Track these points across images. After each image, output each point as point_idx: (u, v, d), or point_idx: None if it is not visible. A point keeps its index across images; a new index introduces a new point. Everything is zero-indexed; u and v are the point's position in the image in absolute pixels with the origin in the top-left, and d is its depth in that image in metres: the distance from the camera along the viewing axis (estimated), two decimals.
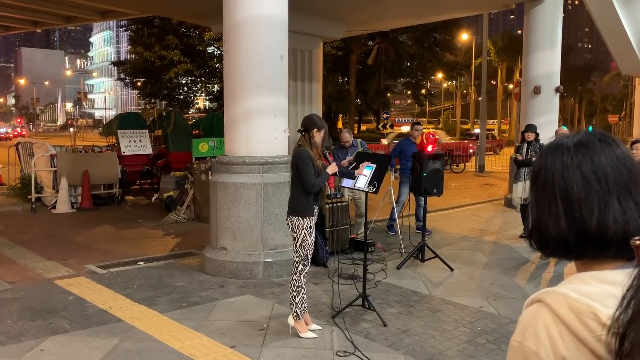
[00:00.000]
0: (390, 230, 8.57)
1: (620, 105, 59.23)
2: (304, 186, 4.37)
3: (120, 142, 12.87)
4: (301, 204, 4.40)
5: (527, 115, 11.10)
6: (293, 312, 4.43)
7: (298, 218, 4.38)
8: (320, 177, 4.42)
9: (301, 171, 4.36)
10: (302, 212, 4.38)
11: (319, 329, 4.54)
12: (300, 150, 4.43)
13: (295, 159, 4.42)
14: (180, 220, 9.57)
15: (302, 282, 4.42)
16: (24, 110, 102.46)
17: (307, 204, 4.39)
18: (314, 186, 4.36)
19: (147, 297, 5.36)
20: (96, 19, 15.36)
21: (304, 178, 4.34)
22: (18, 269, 6.43)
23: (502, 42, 51.32)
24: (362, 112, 37.78)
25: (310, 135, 4.46)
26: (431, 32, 30.66)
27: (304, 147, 4.44)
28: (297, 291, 4.40)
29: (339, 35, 12.89)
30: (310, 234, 4.39)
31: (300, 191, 4.40)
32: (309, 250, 4.41)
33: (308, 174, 4.34)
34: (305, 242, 4.38)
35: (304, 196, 4.39)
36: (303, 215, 4.37)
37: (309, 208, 4.39)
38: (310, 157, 4.39)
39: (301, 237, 4.38)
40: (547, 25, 11.11)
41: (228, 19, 6.19)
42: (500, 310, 5.12)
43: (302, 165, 4.35)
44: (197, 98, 33.71)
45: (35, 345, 4.16)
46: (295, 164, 4.43)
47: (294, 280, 4.43)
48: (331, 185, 7.86)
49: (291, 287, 4.44)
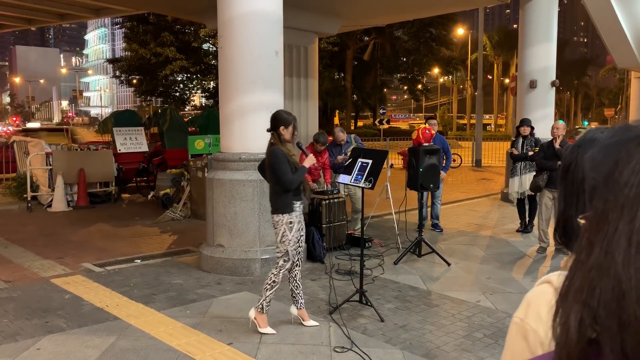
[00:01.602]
0: (436, 228, 8.51)
1: (616, 99, 59.35)
2: (281, 184, 4.35)
3: (116, 140, 12.83)
4: (280, 201, 4.38)
5: (523, 110, 11.11)
6: (258, 304, 4.41)
7: (278, 215, 4.38)
8: (297, 173, 4.39)
9: (277, 171, 4.34)
10: (282, 209, 4.36)
11: (316, 325, 4.54)
12: (274, 149, 4.40)
13: (270, 158, 4.39)
14: (176, 218, 9.55)
15: (280, 278, 4.40)
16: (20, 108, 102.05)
17: (286, 201, 4.37)
18: (292, 182, 4.33)
19: (144, 295, 5.35)
20: (90, 16, 15.27)
21: (281, 176, 4.32)
22: (14, 268, 6.41)
23: (498, 36, 51.32)
24: (358, 108, 37.77)
25: (278, 133, 4.43)
26: (427, 27, 30.65)
27: (277, 145, 4.41)
28: (270, 286, 4.38)
29: (334, 30, 12.84)
30: (290, 229, 4.36)
31: (279, 189, 4.38)
32: (289, 246, 4.37)
33: (284, 172, 4.31)
34: (285, 237, 4.36)
35: (282, 193, 4.37)
36: (282, 212, 4.36)
37: (288, 205, 4.37)
38: (285, 154, 4.36)
39: (281, 233, 4.36)
40: (543, 19, 11.10)
41: (223, 15, 6.16)
42: (497, 305, 5.13)
43: (277, 164, 4.33)
44: (192, 95, 33.64)
45: (31, 344, 4.15)
46: (270, 163, 4.39)
47: (272, 274, 4.41)
48: (327, 182, 7.86)
49: (267, 280, 4.42)
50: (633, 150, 0.67)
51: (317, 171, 7.68)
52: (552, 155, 6.74)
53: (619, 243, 0.61)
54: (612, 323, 0.59)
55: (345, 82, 31.89)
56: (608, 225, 0.64)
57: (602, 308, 0.60)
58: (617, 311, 0.59)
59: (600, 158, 0.70)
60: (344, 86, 31.80)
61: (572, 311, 0.63)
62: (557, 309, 0.67)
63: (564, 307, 0.65)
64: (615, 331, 0.59)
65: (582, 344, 0.61)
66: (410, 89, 36.98)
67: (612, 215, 0.64)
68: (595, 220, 0.66)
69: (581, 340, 0.61)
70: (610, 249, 0.62)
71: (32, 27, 17.84)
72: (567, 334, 0.62)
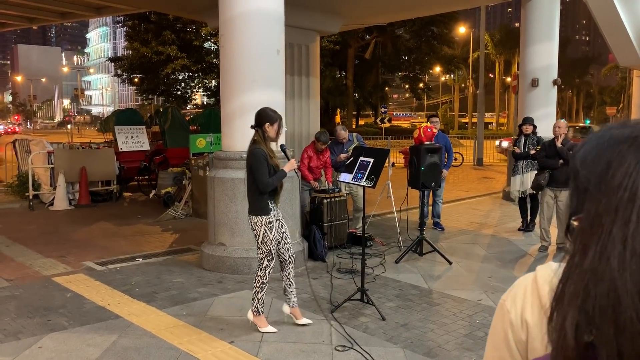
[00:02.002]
0: (437, 227, 8.51)
1: (618, 98, 59.21)
2: (257, 186, 4.28)
3: (118, 138, 12.84)
4: (257, 203, 4.31)
5: (525, 108, 11.10)
6: (253, 308, 4.39)
7: (257, 216, 4.31)
8: (275, 176, 4.29)
9: (255, 171, 4.25)
10: (258, 211, 4.30)
11: (310, 323, 4.52)
12: (255, 148, 4.30)
13: (249, 157, 4.30)
14: (178, 217, 9.56)
15: (267, 278, 4.37)
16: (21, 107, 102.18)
17: (263, 203, 4.30)
18: (267, 186, 4.25)
19: (146, 293, 5.36)
20: (92, 15, 15.27)
21: (257, 178, 4.24)
22: (16, 266, 6.42)
23: (500, 35, 51.25)
24: (360, 107, 37.73)
25: (263, 130, 4.35)
26: (428, 26, 30.56)
27: (259, 144, 4.32)
28: (260, 287, 4.36)
29: (335, 29, 12.82)
30: (270, 229, 4.30)
31: (255, 191, 4.31)
32: (271, 246, 4.33)
33: (262, 174, 4.23)
34: (266, 237, 4.30)
35: (259, 195, 4.29)
36: (260, 214, 4.30)
37: (265, 207, 4.30)
38: (265, 156, 4.26)
39: (261, 234, 4.30)
40: (545, 17, 11.08)
41: (224, 14, 6.15)
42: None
43: (255, 165, 4.24)
44: (194, 94, 33.58)
45: (33, 343, 4.16)
46: (249, 163, 4.31)
47: (258, 277, 4.37)
48: (329, 180, 7.85)
49: (255, 283, 4.39)
50: (626, 151, 0.66)
51: (318, 170, 7.68)
52: (553, 153, 6.73)
53: (613, 247, 0.61)
54: (608, 328, 0.59)
55: (347, 80, 31.83)
56: (602, 228, 0.63)
57: (597, 313, 0.60)
58: (613, 316, 0.59)
59: (592, 157, 0.70)
60: (346, 85, 31.74)
61: (568, 316, 0.63)
62: (552, 313, 0.67)
63: (559, 311, 0.65)
64: (611, 335, 0.59)
65: (579, 348, 0.61)
66: (411, 88, 36.88)
67: (606, 219, 0.63)
68: (589, 223, 0.66)
69: (578, 345, 0.61)
70: (605, 253, 0.62)
71: (33, 26, 17.86)
72: (564, 339, 0.63)
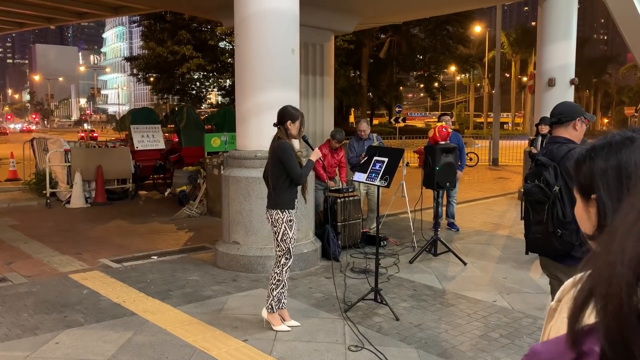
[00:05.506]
0: (452, 227, 8.47)
1: (636, 97, 58.40)
2: (288, 178, 4.29)
3: (133, 137, 12.95)
4: (284, 197, 4.31)
5: (541, 108, 10.98)
6: (268, 305, 4.39)
7: (277, 211, 4.30)
8: (305, 167, 4.34)
9: (286, 164, 4.27)
10: (283, 205, 4.30)
11: (297, 325, 4.47)
12: (281, 142, 4.33)
13: (277, 152, 4.31)
14: (193, 215, 9.62)
15: (284, 276, 4.37)
16: (39, 106, 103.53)
17: (289, 197, 4.32)
18: (301, 177, 4.28)
19: (161, 291, 5.40)
20: (109, 14, 15.43)
21: (291, 170, 4.25)
22: (33, 263, 6.50)
23: (516, 34, 50.83)
24: (374, 106, 37.61)
25: (285, 128, 4.38)
26: (444, 25, 30.40)
27: (283, 139, 4.36)
28: (276, 285, 4.36)
29: (350, 28, 12.81)
30: (290, 228, 4.32)
31: (283, 184, 4.31)
32: (290, 244, 4.34)
33: (294, 165, 4.26)
34: (286, 235, 4.31)
35: (287, 189, 4.31)
36: (283, 209, 4.30)
37: (291, 201, 4.32)
38: (293, 148, 4.33)
39: (282, 231, 4.31)
40: (562, 16, 10.96)
41: (239, 14, 6.17)
42: (513, 305, 5.08)
43: (285, 158, 4.27)
44: (209, 93, 33.79)
45: (50, 339, 4.21)
46: (277, 157, 4.31)
47: (275, 274, 4.37)
48: (343, 180, 7.84)
49: (271, 280, 4.39)
50: None
51: (332, 169, 7.66)
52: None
53: None
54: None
55: (361, 80, 31.77)
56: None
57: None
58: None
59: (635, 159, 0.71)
60: (360, 84, 31.69)
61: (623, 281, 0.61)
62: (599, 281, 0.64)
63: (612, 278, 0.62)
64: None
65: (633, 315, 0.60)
66: (426, 87, 36.70)
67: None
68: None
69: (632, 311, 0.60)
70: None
71: (51, 26, 18.08)
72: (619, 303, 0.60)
